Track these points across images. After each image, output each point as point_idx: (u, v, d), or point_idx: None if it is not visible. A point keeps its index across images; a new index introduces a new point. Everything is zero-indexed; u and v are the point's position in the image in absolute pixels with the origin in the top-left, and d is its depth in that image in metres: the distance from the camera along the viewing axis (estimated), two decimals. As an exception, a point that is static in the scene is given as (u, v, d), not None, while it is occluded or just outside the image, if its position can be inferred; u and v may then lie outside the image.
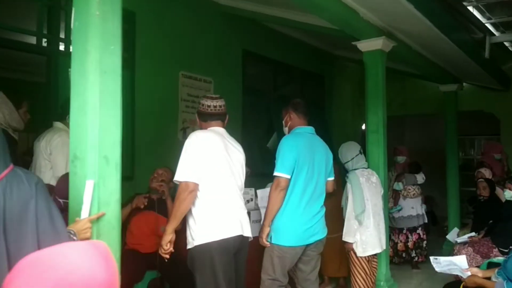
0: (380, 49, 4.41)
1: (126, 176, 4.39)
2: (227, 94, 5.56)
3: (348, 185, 3.80)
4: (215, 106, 2.81)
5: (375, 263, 3.93)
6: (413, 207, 5.51)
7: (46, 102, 3.98)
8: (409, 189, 5.51)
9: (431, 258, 3.24)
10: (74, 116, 1.95)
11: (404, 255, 5.58)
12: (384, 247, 3.91)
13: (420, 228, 5.58)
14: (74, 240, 1.72)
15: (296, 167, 2.98)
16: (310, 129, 3.26)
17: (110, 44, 1.94)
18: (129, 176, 4.46)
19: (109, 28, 1.94)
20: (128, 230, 3.64)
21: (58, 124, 3.19)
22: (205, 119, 2.83)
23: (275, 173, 2.98)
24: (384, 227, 3.95)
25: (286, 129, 3.32)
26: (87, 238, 1.82)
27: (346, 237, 3.75)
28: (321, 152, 3.21)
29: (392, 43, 4.52)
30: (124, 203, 3.82)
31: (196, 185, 2.57)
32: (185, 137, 4.82)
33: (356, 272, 3.78)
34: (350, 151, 3.92)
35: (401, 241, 5.56)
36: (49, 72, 3.94)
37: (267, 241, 3.02)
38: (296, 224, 2.99)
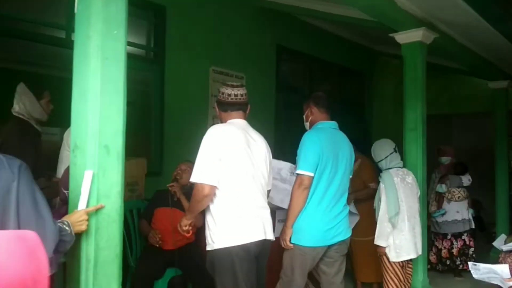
0: (420, 41, 4.12)
1: (154, 171, 4.43)
2: (260, 90, 5.49)
3: (381, 185, 3.57)
4: (236, 95, 2.60)
5: (410, 269, 3.66)
6: (458, 211, 5.14)
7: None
8: (454, 192, 5.15)
9: (470, 264, 2.96)
10: (75, 104, 1.87)
11: (448, 262, 5.22)
12: (420, 252, 3.65)
13: (465, 234, 5.20)
14: (67, 231, 1.64)
15: (319, 164, 2.80)
16: (333, 123, 3.08)
17: (113, 29, 1.85)
18: (158, 171, 4.42)
19: (112, 12, 1.85)
20: (151, 226, 3.59)
21: None
22: (225, 108, 2.62)
23: (298, 171, 2.82)
24: (420, 231, 3.67)
25: (307, 124, 3.16)
26: (82, 231, 1.74)
27: (378, 241, 3.52)
28: (345, 149, 3.03)
29: (434, 34, 4.22)
30: (149, 198, 3.82)
31: (213, 187, 2.37)
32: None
33: (389, 278, 3.54)
34: (383, 149, 3.69)
35: (445, 247, 5.20)
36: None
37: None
38: (318, 224, 2.82)
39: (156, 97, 4.52)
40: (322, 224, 2.83)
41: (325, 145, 2.85)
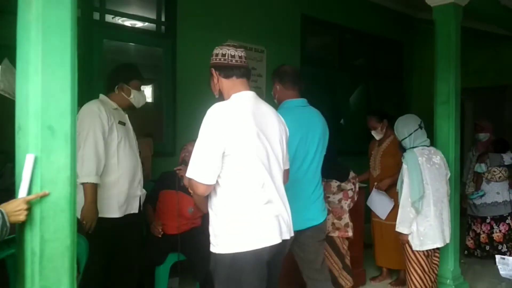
0: (453, 2, 3.64)
1: (167, 151, 4.28)
2: (283, 64, 5.14)
3: (404, 166, 3.21)
4: (240, 57, 2.06)
5: (436, 259, 3.30)
6: (498, 193, 4.65)
7: (83, 73, 3.85)
8: (494, 171, 4.65)
9: (497, 257, 2.57)
10: (19, 81, 1.68)
11: (488, 248, 4.78)
12: (448, 241, 3.27)
13: (510, 218, 4.72)
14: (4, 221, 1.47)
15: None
16: (301, 101, 2.76)
17: (56, -7, 1.63)
18: (171, 152, 4.26)
19: (54, -26, 1.63)
20: (156, 209, 3.44)
21: (101, 97, 2.92)
22: (228, 74, 2.05)
23: None
24: (449, 216, 3.29)
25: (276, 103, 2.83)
26: (20, 221, 1.56)
27: (400, 227, 3.19)
28: (316, 127, 2.72)
29: (470, -6, 3.72)
30: (156, 179, 3.65)
31: (209, 187, 1.93)
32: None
33: (412, 269, 3.21)
34: (407, 125, 3.31)
35: (484, 231, 4.75)
36: (83, 42, 3.79)
37: None
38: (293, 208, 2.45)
39: (167, 74, 4.32)
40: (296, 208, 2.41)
41: (289, 127, 2.43)
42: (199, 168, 1.89)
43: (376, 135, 4.10)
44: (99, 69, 3.87)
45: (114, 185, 2.76)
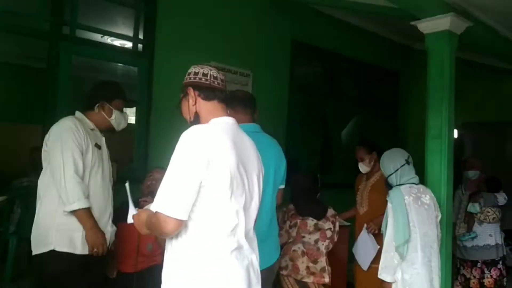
0: (448, 30, 3.39)
1: (138, 177, 3.96)
2: (270, 90, 4.87)
3: (389, 206, 2.90)
4: (222, 80, 1.87)
5: (423, 311, 2.94)
6: (491, 235, 4.29)
7: (48, 89, 3.58)
8: (488, 212, 4.29)
9: None
10: None
11: (477, 293, 4.41)
12: (437, 291, 2.92)
13: (501, 262, 4.38)
14: None
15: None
16: (253, 126, 2.55)
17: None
18: (141, 177, 3.93)
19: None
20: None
21: (77, 114, 2.63)
22: (210, 96, 1.82)
23: None
24: (439, 264, 2.95)
25: None
26: None
27: (383, 274, 2.87)
28: (267, 156, 2.29)
29: (466, 23, 3.47)
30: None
31: (181, 223, 1.60)
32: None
33: (397, 322, 2.84)
34: (393, 160, 3.04)
35: (474, 276, 4.37)
36: (50, 57, 3.54)
37: None
38: None
39: (142, 94, 4.03)
40: None
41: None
42: (171, 200, 1.58)
43: (363, 168, 3.78)
44: (67, 87, 3.60)
45: None
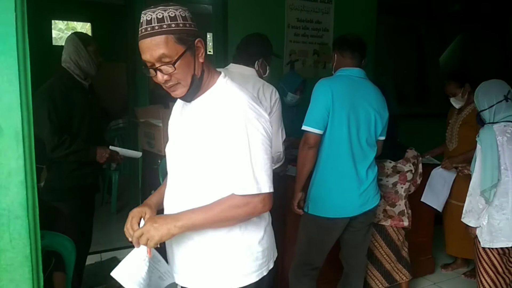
0: None
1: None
2: (355, 13, 4.51)
3: (478, 147, 2.62)
4: None
5: (515, 259, 2.73)
6: None
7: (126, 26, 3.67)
8: None
9: None
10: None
11: None
12: (530, 239, 2.67)
13: None
14: None
15: (330, 119, 2.34)
16: (357, 71, 2.47)
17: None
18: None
19: None
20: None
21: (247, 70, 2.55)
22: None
23: (302, 127, 2.37)
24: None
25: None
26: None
27: (466, 218, 2.69)
28: (369, 101, 2.42)
29: None
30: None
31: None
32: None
33: (482, 269, 2.70)
34: (488, 95, 2.68)
35: None
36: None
37: (304, 210, 2.46)
38: (337, 191, 2.41)
39: (216, 30, 3.98)
40: (343, 191, 2.41)
41: (338, 96, 2.33)
42: (268, 176, 1.49)
43: (456, 103, 3.44)
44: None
45: None
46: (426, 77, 5.30)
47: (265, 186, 1.43)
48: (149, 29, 1.36)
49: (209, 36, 7.61)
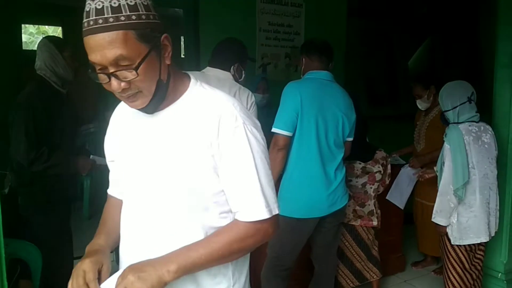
0: None
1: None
2: (327, 18, 4.57)
3: (446, 146, 2.70)
4: None
5: (480, 255, 2.81)
6: None
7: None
8: None
9: None
10: None
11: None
12: (493, 234, 2.77)
13: None
14: None
15: (299, 121, 2.40)
16: (325, 74, 2.52)
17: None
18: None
19: None
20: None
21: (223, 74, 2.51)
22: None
23: (272, 129, 2.42)
24: (497, 206, 2.76)
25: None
26: None
27: (437, 217, 2.75)
28: (336, 103, 2.49)
29: None
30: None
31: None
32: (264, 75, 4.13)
33: (449, 266, 2.77)
34: (452, 96, 2.76)
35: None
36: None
37: None
38: (306, 192, 2.46)
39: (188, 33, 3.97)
40: (312, 192, 2.47)
41: (306, 98, 2.40)
42: (274, 197, 1.28)
43: (421, 105, 3.53)
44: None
45: None
46: (395, 80, 5.40)
47: (275, 206, 1.20)
48: (100, 21, 1.03)
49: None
